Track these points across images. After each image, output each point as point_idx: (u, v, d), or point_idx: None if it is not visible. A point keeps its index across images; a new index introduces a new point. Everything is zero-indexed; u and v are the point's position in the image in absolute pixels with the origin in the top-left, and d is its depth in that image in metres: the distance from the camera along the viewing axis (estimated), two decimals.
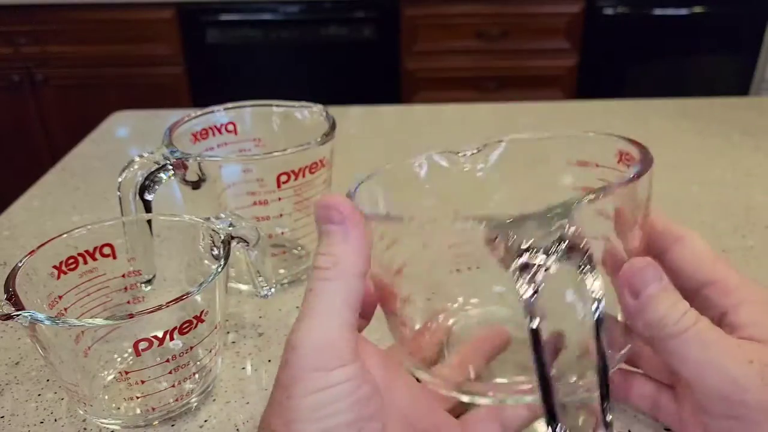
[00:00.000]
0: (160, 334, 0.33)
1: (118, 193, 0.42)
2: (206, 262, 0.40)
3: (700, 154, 0.75)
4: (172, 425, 0.37)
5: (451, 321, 0.31)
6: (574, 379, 0.24)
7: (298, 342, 0.23)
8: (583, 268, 0.21)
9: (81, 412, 0.37)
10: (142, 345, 0.33)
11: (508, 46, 1.77)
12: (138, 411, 0.36)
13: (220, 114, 0.50)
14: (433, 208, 0.30)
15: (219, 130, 0.50)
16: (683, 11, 1.74)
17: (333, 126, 0.47)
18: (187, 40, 1.73)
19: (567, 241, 0.21)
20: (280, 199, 0.45)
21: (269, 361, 0.42)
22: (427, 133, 0.81)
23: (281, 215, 0.46)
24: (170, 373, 0.35)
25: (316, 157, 0.45)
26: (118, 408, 0.37)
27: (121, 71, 1.75)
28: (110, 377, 0.39)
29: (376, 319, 0.29)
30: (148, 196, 0.43)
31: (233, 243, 0.38)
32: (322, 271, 0.24)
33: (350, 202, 0.24)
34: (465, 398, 0.27)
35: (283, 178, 0.44)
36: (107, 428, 0.36)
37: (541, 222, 0.21)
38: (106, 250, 0.39)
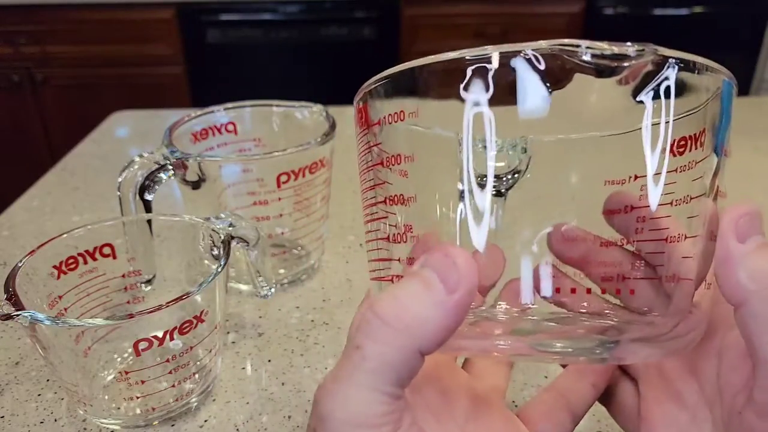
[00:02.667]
0: (160, 334, 0.33)
1: (118, 193, 0.42)
2: (206, 262, 0.40)
3: None
4: (172, 425, 0.37)
5: None
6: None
7: (328, 413, 0.19)
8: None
9: (81, 412, 0.37)
10: (142, 345, 0.33)
11: None
12: (138, 411, 0.36)
13: (220, 114, 0.50)
14: None
15: (219, 130, 0.50)
16: (683, 11, 1.74)
17: (333, 126, 0.47)
18: (187, 40, 1.73)
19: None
20: (280, 199, 0.45)
21: (269, 361, 0.42)
22: None
23: (281, 215, 0.46)
24: (170, 373, 0.35)
25: (316, 157, 0.45)
26: (118, 408, 0.37)
27: (121, 71, 1.75)
28: (110, 377, 0.39)
29: None
30: (148, 196, 0.43)
31: (233, 243, 0.38)
32: (380, 327, 0.18)
33: (476, 272, 0.18)
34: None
35: (283, 178, 0.44)
36: (107, 428, 0.36)
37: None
38: (106, 250, 0.39)
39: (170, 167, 0.43)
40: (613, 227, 0.21)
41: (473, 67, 0.19)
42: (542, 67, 0.19)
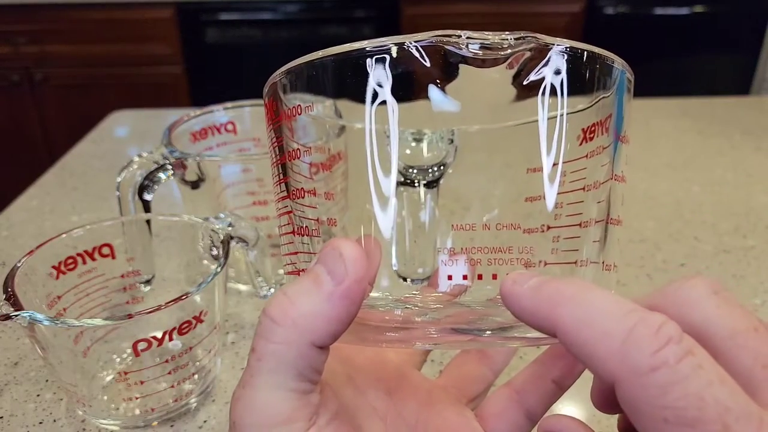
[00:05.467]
0: (159, 335, 0.33)
1: (117, 192, 0.42)
2: (205, 262, 0.39)
3: (701, 154, 0.74)
4: (171, 426, 0.37)
5: None
6: None
7: (238, 419, 0.19)
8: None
9: (80, 413, 0.37)
10: (141, 345, 0.33)
11: None
12: (137, 411, 0.36)
13: (219, 113, 0.50)
14: None
15: (218, 130, 0.50)
16: (684, 11, 1.74)
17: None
18: (186, 39, 1.73)
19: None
20: None
21: None
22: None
23: None
24: (169, 373, 0.35)
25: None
26: (117, 408, 0.36)
27: (121, 71, 1.75)
28: (109, 378, 0.38)
29: None
30: (147, 196, 0.43)
31: (232, 243, 0.38)
32: (270, 326, 0.18)
33: (366, 263, 0.18)
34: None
35: None
36: (106, 429, 0.36)
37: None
38: (105, 250, 0.39)
39: (169, 167, 0.43)
40: None
41: (362, 60, 0.19)
42: (426, 58, 0.19)
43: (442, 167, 0.22)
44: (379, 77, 0.19)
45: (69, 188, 0.67)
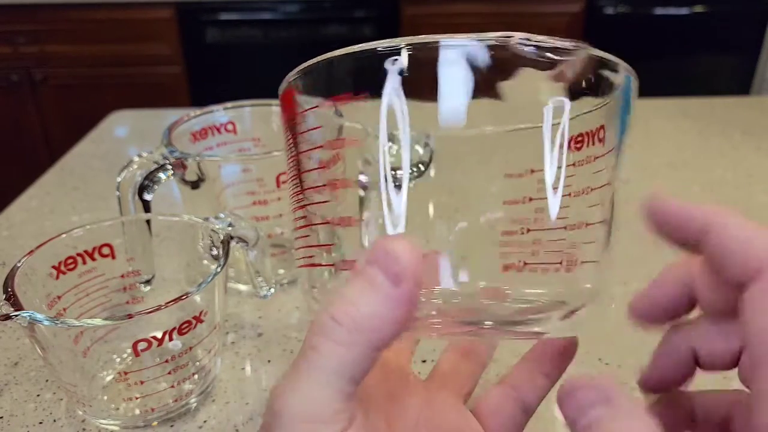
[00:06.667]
0: (159, 335, 0.33)
1: (117, 192, 0.42)
2: (205, 262, 0.39)
3: (701, 154, 0.74)
4: (171, 426, 0.37)
5: None
6: None
7: (282, 408, 0.19)
8: None
9: (80, 413, 0.37)
10: (141, 345, 0.33)
11: None
12: (137, 411, 0.36)
13: (219, 113, 0.50)
14: None
15: (218, 130, 0.50)
16: (684, 11, 1.74)
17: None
18: (186, 39, 1.73)
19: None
20: (279, 198, 0.45)
21: (269, 361, 0.42)
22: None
23: (281, 215, 0.46)
24: (169, 373, 0.35)
25: None
26: (117, 408, 0.36)
27: (121, 71, 1.75)
28: (109, 378, 0.38)
29: None
30: (147, 196, 0.43)
31: (232, 243, 0.38)
32: (332, 325, 0.18)
33: (419, 263, 0.18)
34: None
35: (283, 177, 0.44)
36: (106, 429, 0.36)
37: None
38: (105, 250, 0.39)
39: (169, 167, 0.43)
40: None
41: (389, 59, 0.19)
42: (484, 58, 0.19)
43: (420, 166, 0.22)
44: (394, 78, 0.19)
45: (69, 188, 0.67)
